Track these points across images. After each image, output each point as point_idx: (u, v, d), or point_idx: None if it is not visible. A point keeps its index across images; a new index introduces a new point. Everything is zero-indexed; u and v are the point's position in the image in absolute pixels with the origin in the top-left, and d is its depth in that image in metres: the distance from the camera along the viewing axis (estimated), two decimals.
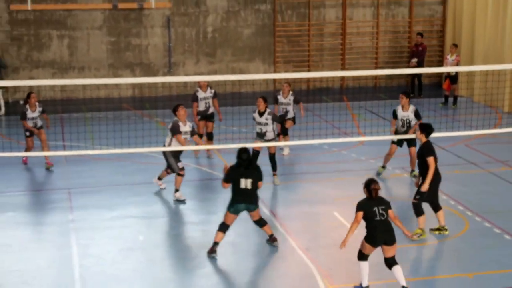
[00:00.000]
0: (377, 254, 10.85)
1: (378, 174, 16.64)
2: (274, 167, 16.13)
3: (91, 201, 15.24)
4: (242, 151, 12.32)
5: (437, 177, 13.05)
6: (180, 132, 14.81)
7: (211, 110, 18.20)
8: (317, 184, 16.40)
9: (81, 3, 25.15)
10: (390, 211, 10.85)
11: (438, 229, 13.27)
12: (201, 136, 17.57)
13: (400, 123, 16.18)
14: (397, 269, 10.73)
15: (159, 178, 15.68)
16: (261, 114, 15.63)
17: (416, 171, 16.01)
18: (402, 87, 26.36)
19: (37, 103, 17.07)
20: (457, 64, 23.86)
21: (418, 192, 13.02)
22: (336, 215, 14.23)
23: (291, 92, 18.24)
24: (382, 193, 12.31)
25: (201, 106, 18.06)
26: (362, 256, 10.96)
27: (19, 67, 25.18)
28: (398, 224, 10.90)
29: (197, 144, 15.93)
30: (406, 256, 12.40)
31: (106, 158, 17.71)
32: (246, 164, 12.24)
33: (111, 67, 25.80)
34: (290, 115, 18.22)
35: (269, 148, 15.80)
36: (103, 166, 17.54)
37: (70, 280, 11.66)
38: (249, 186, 12.17)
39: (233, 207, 12.27)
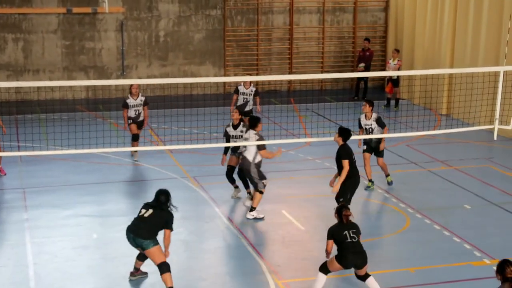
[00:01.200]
0: None
1: (368, 187, 16.13)
2: (245, 184, 14.85)
3: (45, 200, 15.08)
4: (161, 193, 11.09)
5: (353, 180, 13.12)
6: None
7: (141, 117, 17.94)
8: (272, 184, 16.38)
9: (36, 7, 24.91)
10: (360, 236, 10.65)
11: None
12: (136, 138, 17.75)
13: (364, 130, 15.87)
14: (370, 281, 10.55)
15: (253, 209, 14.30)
16: (235, 126, 14.85)
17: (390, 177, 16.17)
18: (347, 90, 26.60)
19: None
20: (399, 69, 24.10)
21: (343, 193, 13.05)
22: (284, 213, 14.26)
23: (252, 85, 18.80)
24: (321, 190, 12.41)
25: (131, 113, 17.78)
26: (325, 270, 10.57)
27: None
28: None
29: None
30: (374, 252, 12.46)
31: (60, 158, 17.53)
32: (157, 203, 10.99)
33: (66, 69, 25.59)
34: (249, 106, 18.72)
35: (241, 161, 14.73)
36: (57, 166, 17.36)
37: (25, 277, 11.52)
38: (146, 215, 10.94)
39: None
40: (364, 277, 10.55)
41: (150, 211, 10.95)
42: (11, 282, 11.37)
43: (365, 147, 16.01)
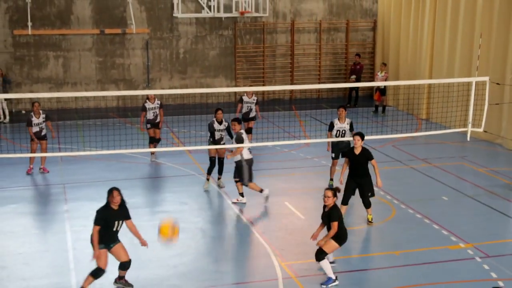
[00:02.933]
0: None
1: (330, 185, 16.26)
2: (220, 171, 15.42)
3: (82, 194, 15.11)
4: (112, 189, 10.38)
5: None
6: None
7: (158, 119, 17.77)
8: (271, 178, 16.39)
9: (74, 28, 24.98)
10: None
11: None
12: (154, 140, 17.68)
13: (335, 133, 15.32)
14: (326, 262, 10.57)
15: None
16: (219, 122, 15.07)
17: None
18: (341, 99, 26.55)
19: (40, 111, 16.75)
20: (386, 79, 24.07)
21: (370, 190, 13.12)
22: (287, 204, 14.25)
23: (254, 95, 19.04)
24: (319, 184, 12.42)
25: (150, 115, 17.65)
26: (321, 256, 10.43)
27: (21, 83, 24.91)
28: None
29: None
30: (363, 237, 12.46)
31: (95, 158, 17.58)
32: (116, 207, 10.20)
33: (99, 82, 25.63)
34: (253, 113, 18.95)
35: (219, 152, 15.23)
36: (92, 165, 17.41)
37: (65, 260, 11.57)
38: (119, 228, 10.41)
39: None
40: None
41: (120, 221, 10.42)
42: (53, 265, 11.42)
43: (333, 155, 15.45)
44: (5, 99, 23.15)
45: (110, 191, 10.19)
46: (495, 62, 19.68)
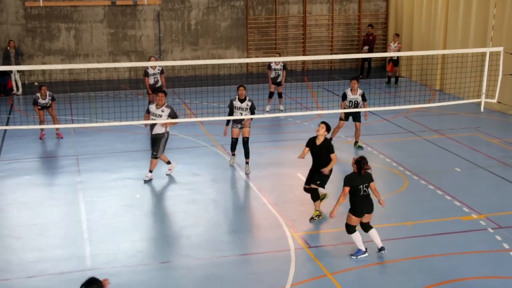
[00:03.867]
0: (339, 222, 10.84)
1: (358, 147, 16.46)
2: (247, 154, 14.62)
3: (95, 166, 15.20)
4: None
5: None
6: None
7: (159, 83, 18.50)
8: (284, 150, 16.44)
9: (85, 0, 24.95)
10: (372, 184, 10.28)
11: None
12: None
13: (348, 104, 15.98)
14: (373, 232, 10.40)
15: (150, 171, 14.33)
16: (242, 101, 14.38)
17: (359, 143, 16.24)
18: (353, 70, 26.50)
19: (47, 92, 17.04)
20: (399, 50, 24.00)
21: (319, 178, 11.82)
22: (299, 176, 14.26)
23: (281, 62, 19.58)
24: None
25: (150, 81, 18.49)
26: (351, 229, 10.28)
27: (33, 55, 24.99)
28: (376, 195, 10.40)
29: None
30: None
31: (107, 130, 17.63)
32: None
33: (111, 54, 25.67)
34: (280, 78, 19.77)
35: (243, 133, 14.61)
36: (105, 136, 17.48)
37: (79, 231, 11.67)
38: None
39: None
40: (367, 227, 10.40)
41: None
42: (67, 235, 11.53)
43: (342, 116, 16.18)
44: (18, 71, 23.26)
45: None
46: (510, 32, 19.58)
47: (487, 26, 20.54)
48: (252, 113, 14.49)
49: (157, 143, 13.96)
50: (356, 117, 16.18)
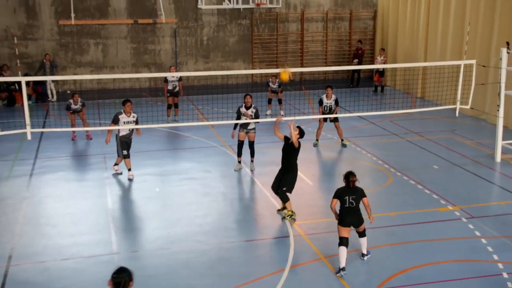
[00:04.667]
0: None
1: (315, 145, 16.61)
2: (252, 154, 14.57)
3: (120, 164, 15.21)
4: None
5: (295, 174, 11.74)
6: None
7: (177, 89, 19.09)
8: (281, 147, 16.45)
9: (111, 19, 25.04)
10: (364, 199, 9.60)
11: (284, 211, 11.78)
12: (170, 107, 19.29)
13: (323, 108, 16.26)
14: (363, 240, 9.85)
15: (116, 164, 14.47)
16: (247, 108, 14.27)
17: (345, 139, 16.34)
18: (345, 80, 26.49)
19: (79, 99, 17.10)
20: (384, 63, 24.01)
21: (284, 185, 11.49)
22: (299, 174, 14.30)
23: (277, 80, 19.79)
24: (324, 155, 12.45)
25: (170, 87, 18.98)
26: (339, 241, 9.56)
27: (66, 66, 25.06)
28: (367, 210, 9.70)
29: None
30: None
31: None
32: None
33: (134, 66, 25.73)
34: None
35: (249, 137, 14.51)
36: None
37: (105, 220, 11.74)
38: None
39: None
40: (361, 234, 9.84)
41: None
42: (96, 224, 11.59)
43: (321, 119, 16.48)
44: (53, 81, 23.36)
45: None
46: (481, 47, 19.56)
47: (462, 41, 20.54)
48: (257, 118, 14.43)
49: (130, 145, 14.15)
50: (334, 119, 16.29)
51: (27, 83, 22.26)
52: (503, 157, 15.28)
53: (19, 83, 20.92)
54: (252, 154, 14.68)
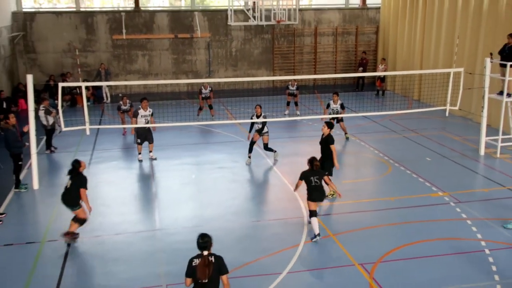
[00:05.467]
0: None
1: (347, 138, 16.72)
2: (272, 150, 14.50)
3: (162, 154, 15.35)
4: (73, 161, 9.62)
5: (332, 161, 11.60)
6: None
7: (209, 97, 19.31)
8: (300, 143, 16.45)
9: (155, 34, 25.14)
10: (325, 177, 9.88)
11: (331, 194, 11.75)
12: (201, 108, 19.22)
13: (331, 111, 16.14)
14: (314, 220, 9.78)
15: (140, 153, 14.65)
16: (258, 117, 14.18)
17: (348, 134, 16.24)
18: (351, 85, 26.30)
19: (128, 101, 17.32)
20: (385, 70, 23.81)
21: (325, 169, 11.37)
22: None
23: (296, 84, 19.98)
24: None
25: (203, 96, 19.17)
26: (311, 213, 9.84)
27: (118, 74, 25.23)
28: (330, 185, 10.10)
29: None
30: (351, 188, 12.47)
31: (171, 128, 17.78)
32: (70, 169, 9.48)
33: (174, 73, 25.81)
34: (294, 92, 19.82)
35: (264, 140, 14.44)
36: (169, 133, 17.62)
37: (150, 201, 11.86)
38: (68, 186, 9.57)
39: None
40: (314, 214, 9.79)
41: (69, 182, 9.55)
42: (142, 204, 11.73)
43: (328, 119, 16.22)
44: (107, 86, 23.57)
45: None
46: (468, 57, 19.31)
47: (452, 52, 20.28)
48: (264, 125, 14.28)
49: (145, 135, 14.53)
50: (339, 120, 16.40)
51: (87, 87, 22.54)
52: (486, 151, 15.08)
53: (80, 87, 21.20)
54: (271, 151, 14.57)
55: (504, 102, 14.72)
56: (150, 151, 14.80)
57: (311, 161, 9.88)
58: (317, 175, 9.81)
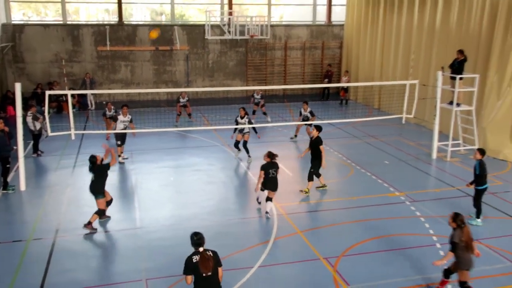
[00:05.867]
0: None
1: (291, 138, 17.17)
2: (247, 151, 14.82)
3: (143, 158, 15.22)
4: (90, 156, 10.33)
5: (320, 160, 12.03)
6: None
7: (187, 106, 19.41)
8: (271, 148, 16.42)
9: (138, 46, 24.92)
10: (278, 170, 10.58)
11: (321, 187, 12.46)
12: (179, 115, 19.11)
13: (302, 117, 16.60)
14: (269, 203, 10.66)
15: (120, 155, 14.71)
16: (242, 117, 14.66)
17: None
18: (318, 95, 26.48)
19: (112, 107, 17.13)
20: (348, 82, 24.03)
21: (313, 167, 12.05)
22: (281, 166, 14.29)
23: (260, 93, 20.02)
24: (301, 151, 12.47)
25: (182, 103, 19.20)
26: (268, 199, 10.72)
27: (102, 83, 24.91)
28: (320, 179, 10.92)
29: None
30: (330, 188, 12.54)
31: (152, 133, 17.64)
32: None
33: (155, 83, 25.59)
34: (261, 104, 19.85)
35: (245, 138, 14.85)
36: (150, 138, 17.46)
37: (131, 201, 11.71)
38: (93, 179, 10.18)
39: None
40: (270, 199, 10.66)
41: (92, 175, 10.06)
42: (124, 204, 11.56)
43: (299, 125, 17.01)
44: (92, 94, 23.23)
45: None
46: (423, 70, 19.65)
47: (408, 66, 20.63)
48: (250, 123, 14.80)
49: (123, 138, 14.76)
50: (309, 125, 16.47)
51: (72, 95, 22.20)
52: (438, 155, 15.37)
53: (66, 95, 20.84)
54: (247, 151, 14.77)
55: (454, 111, 15.04)
56: (119, 155, 14.77)
57: (271, 155, 10.47)
58: (274, 168, 10.49)
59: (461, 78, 14.65)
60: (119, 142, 14.78)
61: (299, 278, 8.35)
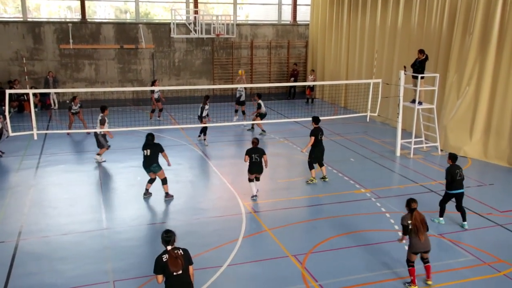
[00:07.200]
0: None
1: (261, 134, 17.33)
2: (204, 133, 16.29)
3: (110, 158, 14.94)
4: (148, 135, 11.37)
5: (320, 147, 12.73)
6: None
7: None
8: (237, 147, 16.44)
9: (102, 44, 24.44)
10: (264, 156, 11.27)
11: (323, 178, 12.99)
12: (153, 111, 19.29)
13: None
14: (252, 184, 11.49)
15: (99, 154, 14.47)
16: (204, 105, 15.91)
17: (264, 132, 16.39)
18: (284, 93, 26.61)
19: (78, 101, 16.82)
20: (314, 80, 24.22)
21: (310, 155, 12.75)
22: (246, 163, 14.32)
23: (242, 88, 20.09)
24: (268, 151, 12.48)
25: (155, 96, 19.23)
26: (250, 180, 11.56)
27: (66, 81, 24.32)
28: (265, 162, 11.31)
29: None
30: (285, 186, 12.58)
31: (117, 133, 17.31)
32: (147, 142, 11.26)
33: (120, 81, 25.17)
34: (242, 98, 19.57)
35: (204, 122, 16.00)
36: (116, 138, 17.12)
37: (97, 202, 11.48)
38: (148, 154, 11.33)
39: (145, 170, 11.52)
40: (256, 180, 11.57)
41: (148, 150, 11.24)
42: (90, 205, 11.32)
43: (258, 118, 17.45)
44: (55, 93, 22.66)
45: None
46: (386, 69, 19.99)
47: (372, 65, 20.95)
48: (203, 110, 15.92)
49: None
50: (262, 116, 17.50)
51: (34, 94, 21.57)
52: (401, 152, 15.67)
53: (27, 94, 20.25)
54: (205, 134, 16.30)
55: (416, 109, 15.36)
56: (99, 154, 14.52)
57: (255, 141, 11.35)
58: (257, 153, 11.26)
59: (422, 77, 14.97)
60: (108, 144, 14.74)
61: (268, 276, 8.36)
